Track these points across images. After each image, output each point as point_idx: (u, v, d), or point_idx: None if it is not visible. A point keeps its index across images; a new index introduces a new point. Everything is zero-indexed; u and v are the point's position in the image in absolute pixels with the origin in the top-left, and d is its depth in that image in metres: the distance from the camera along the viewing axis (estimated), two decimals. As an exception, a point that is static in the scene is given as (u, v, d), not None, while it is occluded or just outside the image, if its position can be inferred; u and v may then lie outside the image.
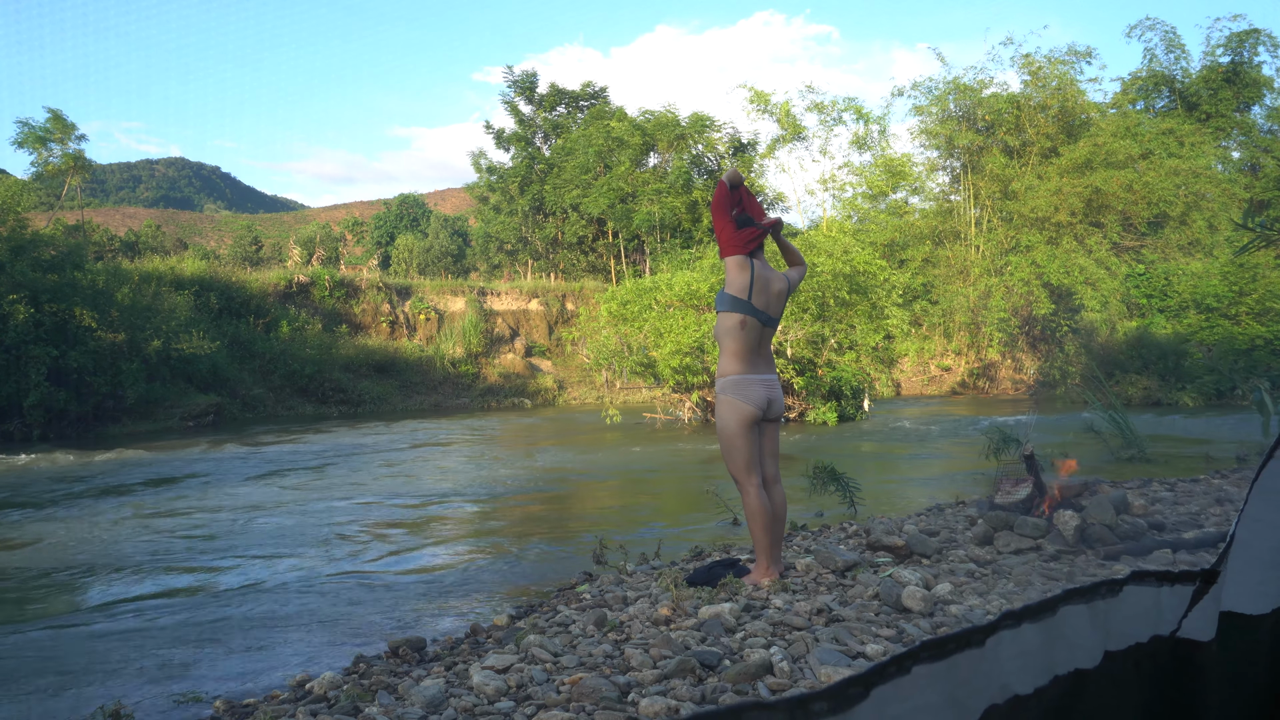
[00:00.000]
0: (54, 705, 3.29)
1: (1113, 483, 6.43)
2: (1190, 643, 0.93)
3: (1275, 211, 24.52)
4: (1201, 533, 4.63)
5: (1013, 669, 0.79)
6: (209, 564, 5.65)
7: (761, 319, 3.95)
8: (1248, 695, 0.95)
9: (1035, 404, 19.10)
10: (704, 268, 16.12)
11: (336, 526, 6.80)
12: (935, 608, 3.48)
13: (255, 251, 50.95)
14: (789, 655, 2.97)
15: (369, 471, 10.23)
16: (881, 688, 0.68)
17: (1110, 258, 23.75)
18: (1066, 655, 0.84)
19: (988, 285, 24.69)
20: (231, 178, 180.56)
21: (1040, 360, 24.49)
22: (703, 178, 31.18)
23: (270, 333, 22.39)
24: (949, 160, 28.70)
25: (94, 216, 49.76)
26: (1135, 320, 22.07)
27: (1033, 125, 26.28)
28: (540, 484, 9.22)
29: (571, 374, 26.11)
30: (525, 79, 34.08)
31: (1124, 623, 0.89)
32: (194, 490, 8.96)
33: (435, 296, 27.04)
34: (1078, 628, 0.84)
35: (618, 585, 4.37)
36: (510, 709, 2.71)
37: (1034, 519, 4.64)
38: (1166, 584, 0.91)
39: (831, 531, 5.50)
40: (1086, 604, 0.85)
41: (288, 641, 3.97)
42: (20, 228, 16.18)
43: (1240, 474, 7.17)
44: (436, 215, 60.10)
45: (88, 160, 27.87)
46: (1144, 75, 30.08)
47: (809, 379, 14.68)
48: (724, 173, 4.09)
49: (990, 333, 24.36)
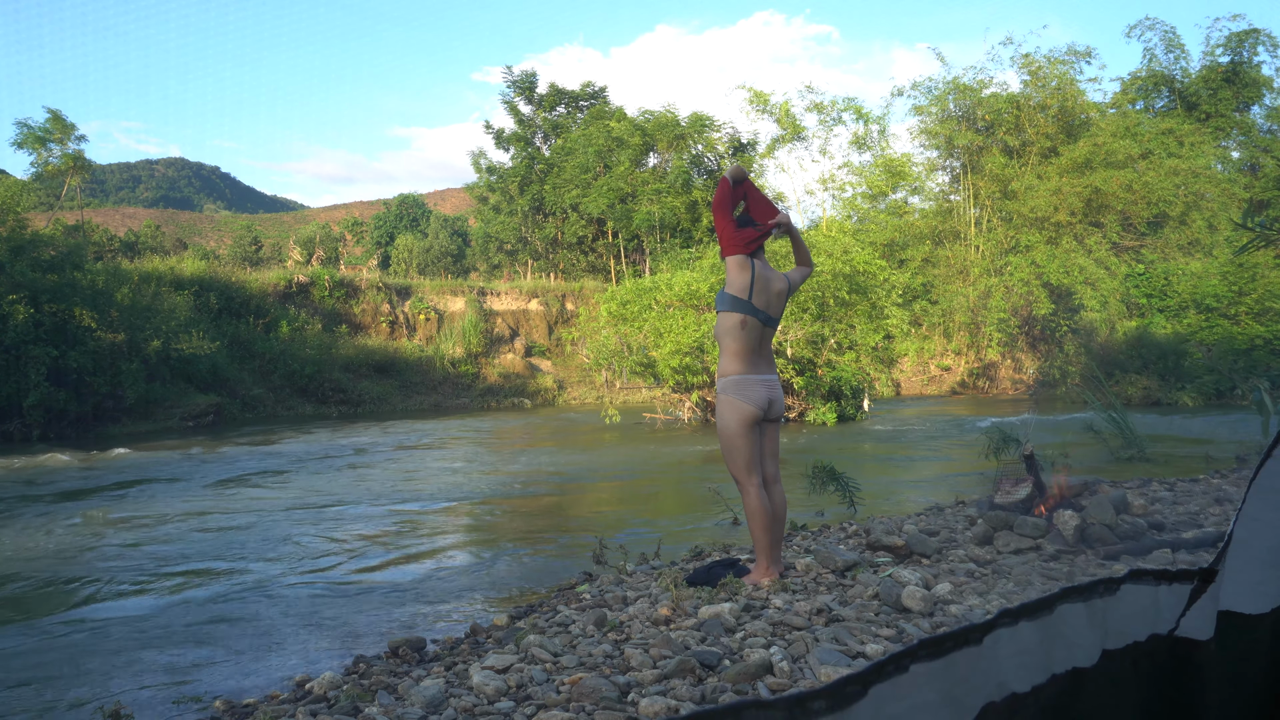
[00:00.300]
0: (54, 705, 3.29)
1: (1112, 482, 6.43)
2: (1189, 642, 0.93)
3: (1275, 211, 24.52)
4: (1201, 532, 4.64)
5: (1010, 667, 0.79)
6: (209, 565, 5.65)
7: (762, 319, 3.94)
8: (1246, 694, 0.95)
9: (1035, 404, 19.11)
10: (704, 268, 16.12)
11: (336, 526, 6.80)
12: (935, 607, 3.48)
13: (255, 251, 50.95)
14: (789, 655, 2.98)
15: (369, 472, 10.23)
16: (879, 686, 0.68)
17: (1110, 257, 23.76)
18: (1064, 653, 0.84)
19: (987, 285, 24.70)
20: (231, 178, 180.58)
21: (1040, 360, 24.50)
22: (702, 178, 31.18)
23: (270, 333, 22.39)
24: (949, 160, 28.72)
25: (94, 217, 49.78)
26: (1135, 320, 22.08)
27: (1032, 125, 26.29)
28: (540, 484, 9.22)
29: (571, 374, 26.11)
30: (525, 79, 34.09)
31: (1122, 621, 0.89)
32: (194, 490, 8.96)
33: (435, 296, 27.04)
34: (1076, 626, 0.84)
35: (617, 585, 4.37)
36: (510, 709, 2.71)
37: (1034, 519, 4.64)
38: (1165, 583, 0.92)
39: (831, 531, 5.50)
40: (1084, 602, 0.85)
41: (287, 642, 3.97)
42: (20, 228, 16.18)
43: (1240, 474, 7.17)
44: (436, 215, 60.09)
45: (87, 160, 27.88)
46: (1144, 75, 30.10)
47: (809, 379, 14.68)
48: (727, 170, 4.06)
49: (990, 333, 24.37)
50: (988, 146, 26.67)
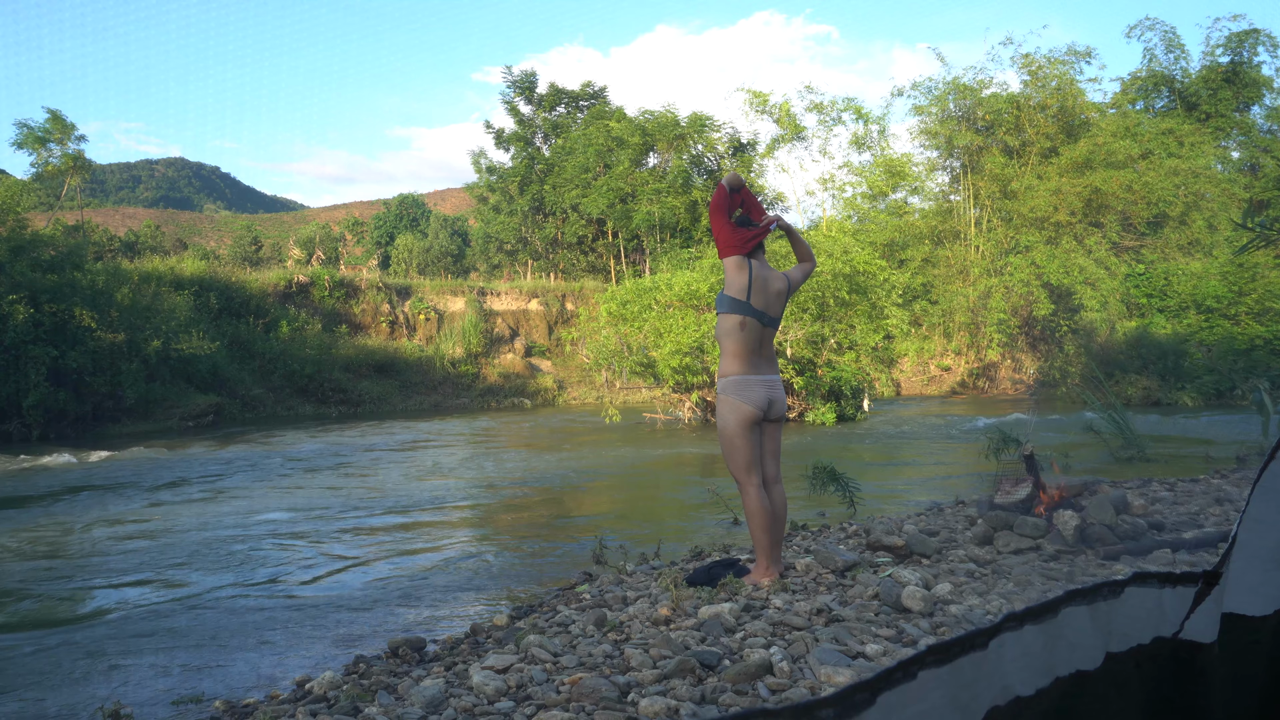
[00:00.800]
0: (54, 705, 3.29)
1: (1112, 482, 6.43)
2: (1192, 644, 0.92)
3: (1275, 211, 24.52)
4: (1201, 532, 4.63)
5: (1014, 670, 0.79)
6: (209, 564, 5.65)
7: (762, 319, 3.94)
8: (1249, 697, 0.95)
9: (1035, 404, 19.11)
10: (704, 268, 16.12)
11: (336, 526, 6.80)
12: (935, 607, 3.48)
13: (255, 251, 50.96)
14: (789, 655, 2.97)
15: (369, 471, 10.23)
16: (888, 693, 0.68)
17: (1110, 257, 23.76)
18: (1068, 656, 0.84)
19: (988, 285, 24.70)
20: (231, 178, 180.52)
21: (1040, 360, 24.50)
22: (702, 178, 31.19)
23: (270, 333, 22.39)
24: (949, 160, 28.72)
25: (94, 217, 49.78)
26: (1135, 320, 22.08)
27: (1032, 125, 26.29)
28: (540, 484, 9.22)
29: (571, 374, 26.11)
30: (525, 79, 34.08)
31: (1126, 624, 0.88)
32: (194, 490, 8.96)
33: (435, 296, 27.04)
34: (1079, 629, 0.84)
35: (617, 585, 4.37)
36: (510, 709, 2.71)
37: (1034, 519, 4.64)
38: (1169, 585, 0.91)
39: (831, 531, 5.50)
40: (1088, 605, 0.85)
41: (288, 641, 3.97)
42: (20, 228, 16.18)
43: (1240, 474, 7.17)
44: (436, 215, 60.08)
45: (87, 160, 27.90)
46: (1144, 75, 30.11)
47: (809, 379, 14.68)
48: (724, 175, 4.08)
49: (990, 333, 24.36)
50: (988, 146, 26.67)
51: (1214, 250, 23.22)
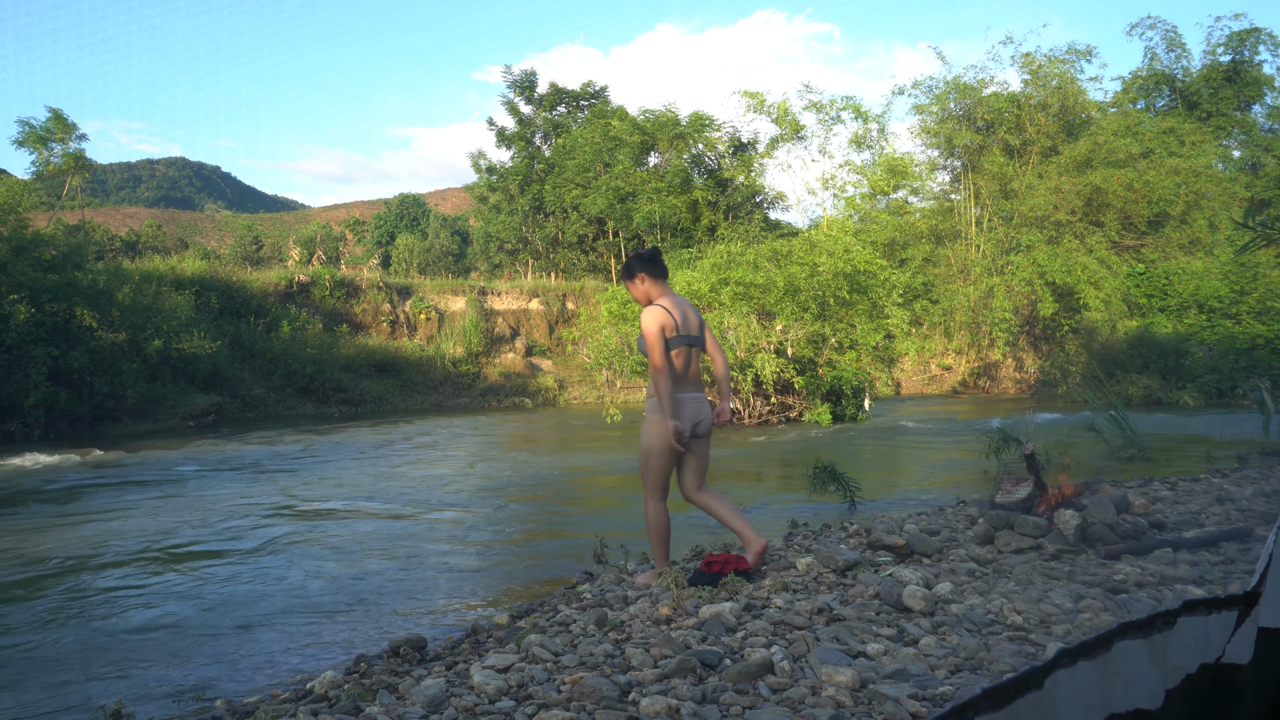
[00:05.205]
0: (54, 705, 3.29)
1: (1113, 482, 6.44)
2: (1231, 667, 0.92)
3: (1276, 210, 24.50)
4: (1203, 532, 4.63)
5: (1068, 709, 0.77)
6: (209, 564, 5.65)
7: (687, 341, 4.21)
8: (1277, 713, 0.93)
9: (1036, 403, 19.09)
10: (704, 267, 16.12)
11: (336, 526, 6.80)
12: (936, 607, 3.48)
13: (256, 251, 50.98)
14: (790, 654, 2.97)
15: (368, 471, 10.23)
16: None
17: (1111, 256, 23.73)
18: (1124, 694, 0.82)
19: (989, 285, 24.68)
20: (232, 178, 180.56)
21: (1041, 360, 24.48)
22: (703, 177, 31.17)
23: (271, 332, 22.38)
24: (949, 159, 28.71)
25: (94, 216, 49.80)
26: (1136, 319, 22.06)
27: (1033, 124, 26.27)
28: (541, 483, 9.22)
29: (572, 373, 26.10)
30: (525, 78, 34.07)
31: (1179, 655, 0.87)
32: (195, 490, 8.96)
33: (435, 296, 27.04)
34: (1135, 664, 0.82)
35: (618, 585, 4.37)
36: (511, 708, 2.71)
37: (1035, 518, 4.64)
38: (1215, 611, 0.89)
39: (832, 531, 5.50)
40: (1144, 638, 0.83)
41: (289, 641, 3.97)
42: (21, 228, 16.16)
43: (1241, 473, 7.16)
44: (436, 215, 60.10)
45: (88, 160, 27.92)
46: (1145, 74, 30.09)
47: (809, 378, 14.68)
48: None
49: (992, 332, 24.34)
50: (988, 146, 26.65)
51: (1215, 249, 23.19)
